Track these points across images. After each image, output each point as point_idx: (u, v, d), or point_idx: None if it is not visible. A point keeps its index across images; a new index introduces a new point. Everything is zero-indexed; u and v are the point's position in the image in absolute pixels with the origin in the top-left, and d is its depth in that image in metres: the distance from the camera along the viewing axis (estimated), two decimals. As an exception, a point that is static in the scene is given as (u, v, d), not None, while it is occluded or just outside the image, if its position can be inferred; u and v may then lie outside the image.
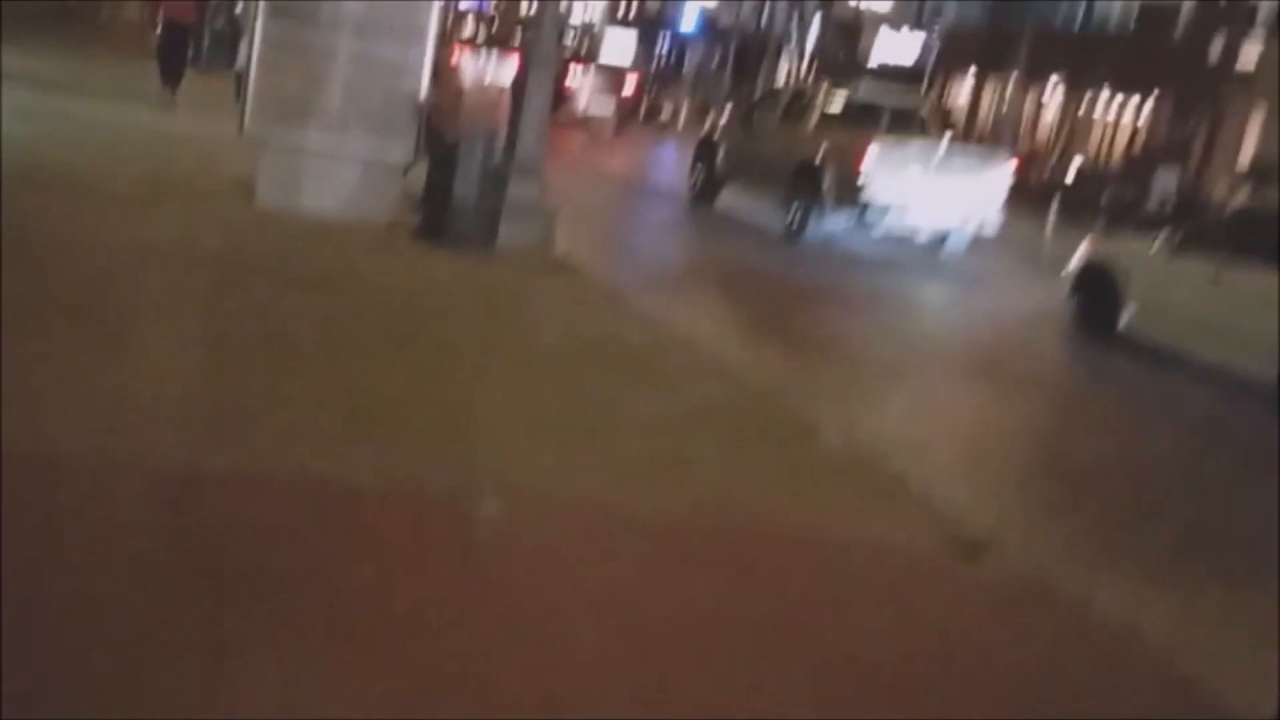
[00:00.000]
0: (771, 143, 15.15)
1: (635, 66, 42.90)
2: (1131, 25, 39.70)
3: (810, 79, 20.72)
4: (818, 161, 14.02)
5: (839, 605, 4.16)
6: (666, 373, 6.79)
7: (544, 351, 6.70)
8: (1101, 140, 34.17)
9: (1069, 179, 25.61)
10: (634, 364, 6.84)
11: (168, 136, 12.47)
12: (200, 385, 5.05)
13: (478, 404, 5.52)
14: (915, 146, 14.16)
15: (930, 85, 32.79)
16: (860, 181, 13.44)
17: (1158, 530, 5.92)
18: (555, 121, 12.56)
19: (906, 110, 16.00)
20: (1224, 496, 6.85)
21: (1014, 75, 28.52)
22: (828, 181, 13.84)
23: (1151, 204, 21.18)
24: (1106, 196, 22.88)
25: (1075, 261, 11.04)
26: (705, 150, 16.75)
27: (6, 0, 17.22)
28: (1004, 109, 35.55)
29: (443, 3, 9.57)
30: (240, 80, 10.03)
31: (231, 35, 18.20)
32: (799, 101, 15.80)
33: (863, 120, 15.05)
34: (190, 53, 15.43)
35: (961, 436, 7.21)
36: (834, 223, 14.08)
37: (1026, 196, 24.80)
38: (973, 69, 37.57)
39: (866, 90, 18.07)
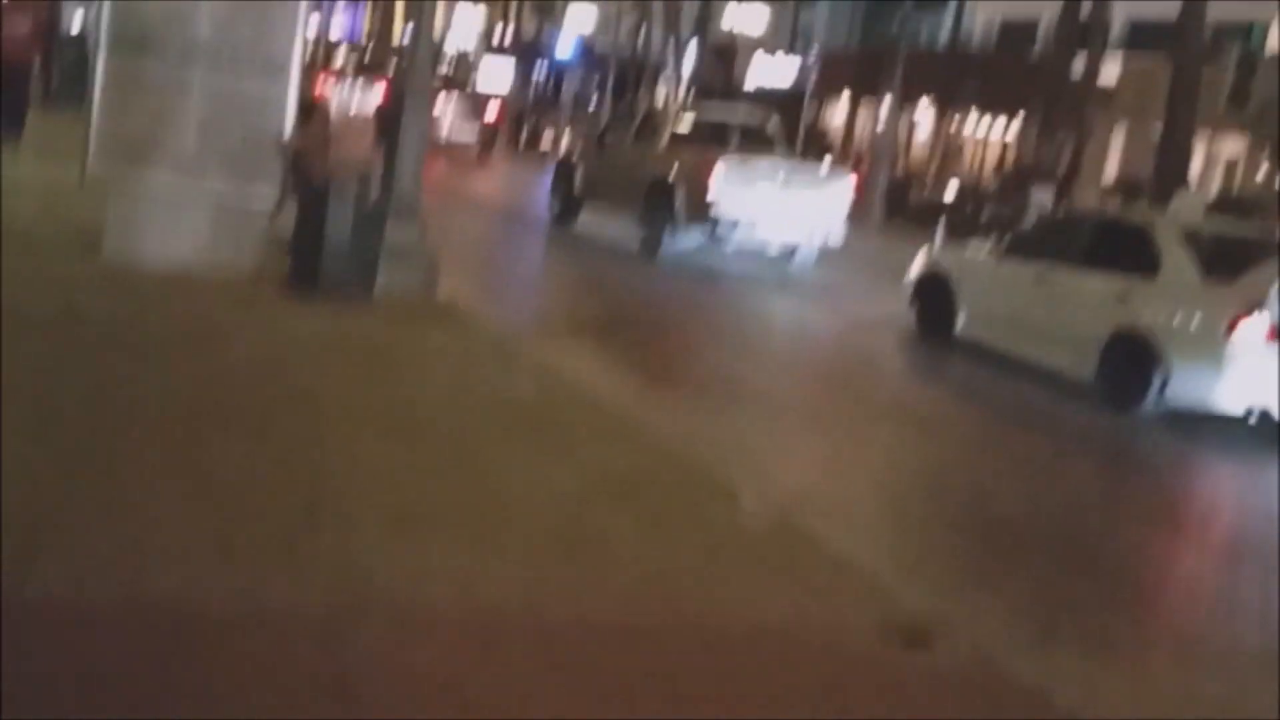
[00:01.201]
0: (625, 163, 15.49)
1: (512, 94, 42.35)
2: (993, 43, 40.52)
3: (685, 103, 20.53)
4: (669, 180, 14.40)
5: (775, 710, 3.62)
6: (564, 434, 6.21)
7: (431, 419, 6.05)
8: (975, 158, 34.65)
9: (948, 198, 25.76)
10: (529, 426, 6.23)
11: (6, 184, 11.43)
12: (18, 487, 4.29)
13: (356, 492, 4.85)
14: (761, 164, 14.68)
15: (805, 107, 32.84)
16: (710, 198, 13.86)
17: (1074, 580, 5.62)
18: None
19: (754, 129, 16.36)
20: (1115, 527, 6.66)
21: (886, 96, 28.74)
22: (679, 199, 14.25)
23: (1030, 221, 21.38)
24: (987, 214, 22.99)
25: (913, 271, 11.41)
26: (564, 172, 17.04)
27: None
28: (878, 130, 35.87)
29: (307, 30, 8.82)
30: None
31: (84, 70, 16.95)
32: (651, 122, 16.14)
33: (712, 139, 15.53)
34: (38, 91, 14.37)
35: (864, 484, 6.87)
36: (687, 239, 14.48)
37: (906, 215, 24.91)
38: (846, 91, 37.82)
39: (715, 110, 18.95)
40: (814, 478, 6.74)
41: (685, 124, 15.98)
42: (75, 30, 21.57)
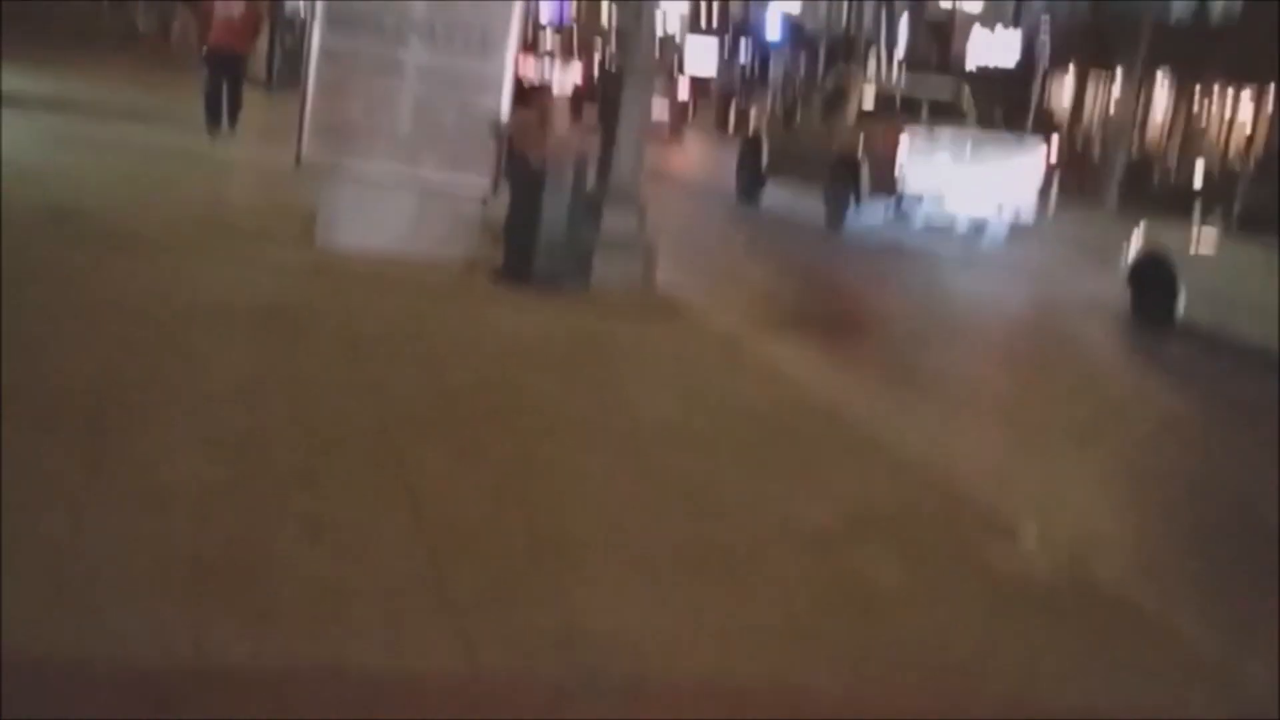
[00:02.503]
0: (811, 138, 15.45)
1: (719, 75, 41.68)
2: (1235, 13, 37.43)
3: (871, 77, 19.61)
4: (855, 154, 14.35)
5: None
6: (803, 450, 5.47)
7: (659, 431, 5.40)
8: (1219, 138, 31.99)
9: (1196, 181, 23.70)
10: (765, 442, 5.52)
11: (223, 168, 11.44)
12: (215, 521, 3.82)
13: (581, 524, 4.23)
14: (949, 136, 14.42)
15: (1034, 83, 30.99)
16: (896, 172, 13.78)
17: None
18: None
19: (945, 102, 16.07)
20: None
21: (1120, 71, 26.81)
22: (865, 173, 14.17)
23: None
24: (1243, 197, 20.96)
25: (1130, 250, 10.85)
26: (751, 149, 17.00)
27: (70, 24, 16.22)
28: (1111, 107, 33.58)
29: (525, 3, 8.29)
30: None
31: (301, 53, 17.00)
32: (837, 96, 15.88)
33: (900, 112, 15.31)
34: (261, 74, 14.31)
35: (1147, 516, 5.92)
36: (873, 213, 14.38)
37: (1146, 198, 23.03)
38: (1073, 66, 35.53)
39: (904, 83, 18.77)
40: (1088, 506, 5.82)
41: (873, 98, 15.75)
42: (299, 12, 21.87)
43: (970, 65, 40.35)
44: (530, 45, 29.91)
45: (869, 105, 15.46)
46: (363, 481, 4.30)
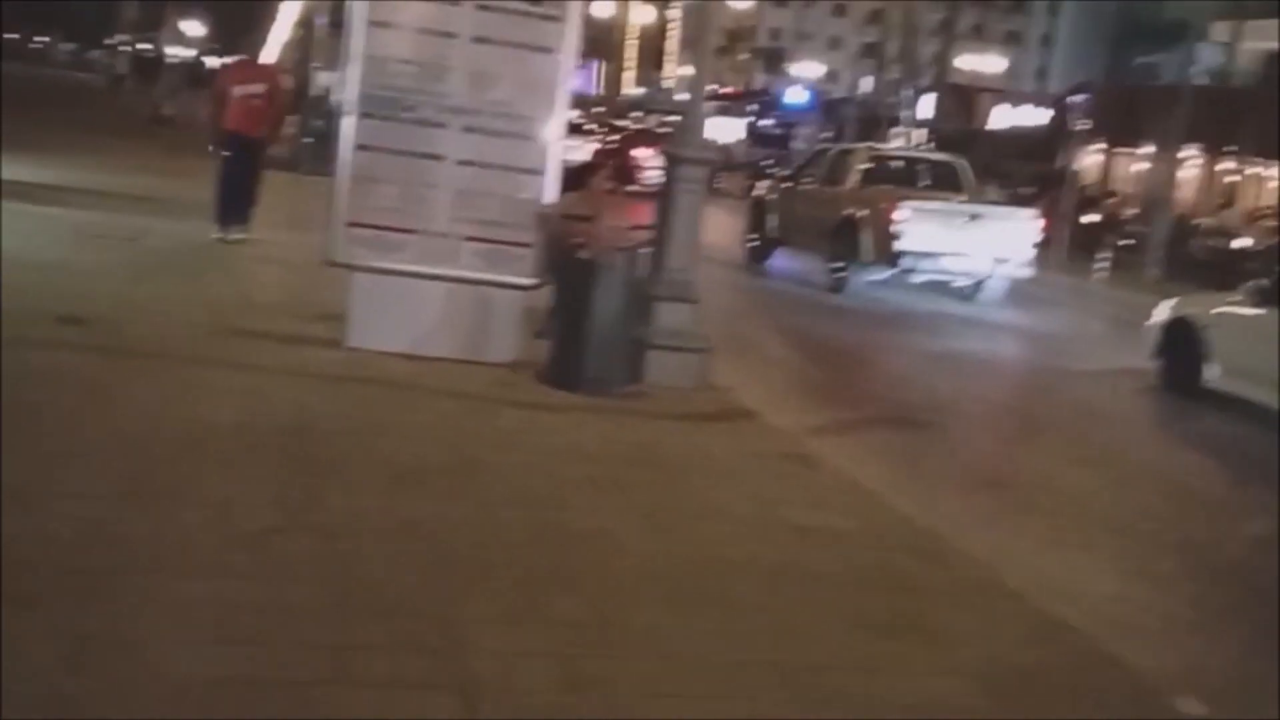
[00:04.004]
0: (815, 204, 16.07)
1: (739, 145, 41.38)
2: (1257, 78, 36.81)
3: (873, 146, 19.72)
4: (856, 219, 14.96)
5: None
6: (914, 599, 4.71)
7: (747, 577, 4.65)
8: (1254, 204, 31.24)
9: (1244, 247, 22.92)
10: (874, 585, 4.78)
11: (247, 264, 10.79)
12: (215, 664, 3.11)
13: (670, 708, 3.50)
14: (945, 203, 15.28)
15: (1065, 151, 30.40)
16: (894, 236, 14.38)
17: None
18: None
19: (942, 170, 16.86)
20: None
21: (1150, 139, 26.16)
22: (865, 237, 14.78)
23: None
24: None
25: (1156, 318, 10.89)
26: (757, 214, 17.62)
27: (89, 109, 15.68)
28: (1136, 173, 32.94)
29: (568, 83, 7.66)
30: None
31: (330, 132, 16.26)
32: (839, 165, 16.53)
33: (899, 180, 16.15)
34: (284, 155, 13.41)
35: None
36: (873, 276, 15.06)
37: (1189, 269, 22.25)
38: (1100, 133, 34.91)
39: (904, 152, 20.10)
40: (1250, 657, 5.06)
41: (874, 166, 16.46)
42: (324, 92, 21.33)
43: (995, 125, 39.95)
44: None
45: (870, 172, 16.09)
46: (406, 666, 3.57)
